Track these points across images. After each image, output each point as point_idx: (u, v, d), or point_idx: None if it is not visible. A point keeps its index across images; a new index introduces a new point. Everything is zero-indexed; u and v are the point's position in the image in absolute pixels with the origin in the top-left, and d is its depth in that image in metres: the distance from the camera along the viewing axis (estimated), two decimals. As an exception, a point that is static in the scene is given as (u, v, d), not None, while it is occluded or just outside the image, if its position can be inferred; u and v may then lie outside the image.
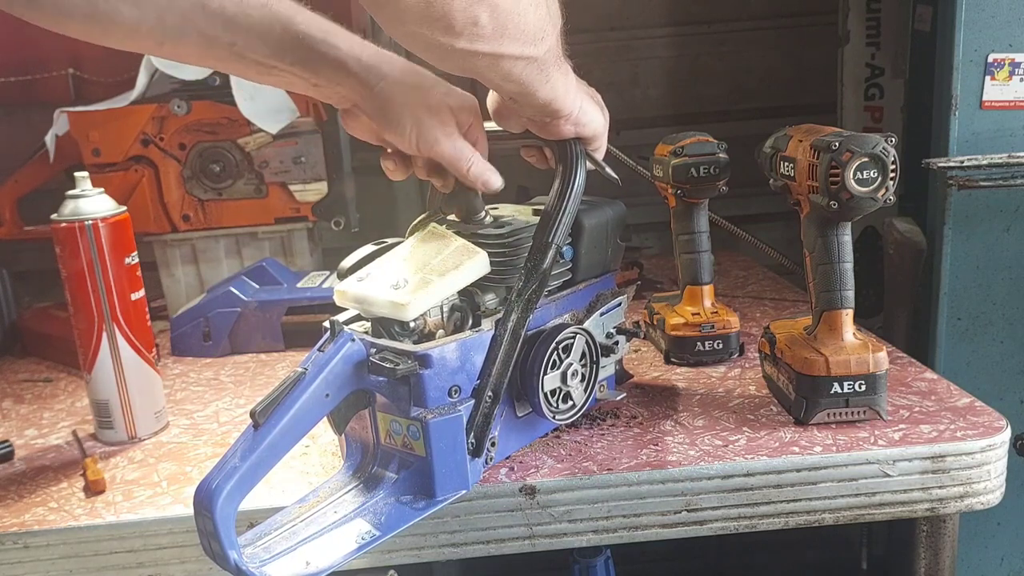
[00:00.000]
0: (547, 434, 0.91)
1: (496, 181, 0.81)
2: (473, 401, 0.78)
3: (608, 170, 0.87)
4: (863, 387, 0.87)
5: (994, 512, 0.90)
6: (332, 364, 0.72)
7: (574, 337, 0.84)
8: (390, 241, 0.88)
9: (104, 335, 0.96)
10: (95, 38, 0.70)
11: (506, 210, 0.91)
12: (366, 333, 0.78)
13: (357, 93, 0.77)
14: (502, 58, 0.68)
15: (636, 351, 1.15)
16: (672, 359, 1.09)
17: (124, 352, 0.97)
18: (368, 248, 0.87)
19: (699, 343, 1.07)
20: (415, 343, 0.77)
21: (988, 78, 1.32)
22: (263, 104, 1.35)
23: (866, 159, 0.82)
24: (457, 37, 0.64)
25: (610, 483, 0.82)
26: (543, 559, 1.00)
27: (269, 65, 0.74)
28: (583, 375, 0.86)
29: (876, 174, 0.82)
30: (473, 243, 0.81)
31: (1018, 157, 1.32)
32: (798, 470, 0.82)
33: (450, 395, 0.76)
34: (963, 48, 1.32)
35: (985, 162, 1.32)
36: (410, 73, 0.78)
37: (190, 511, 0.68)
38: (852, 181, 0.82)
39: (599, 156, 0.86)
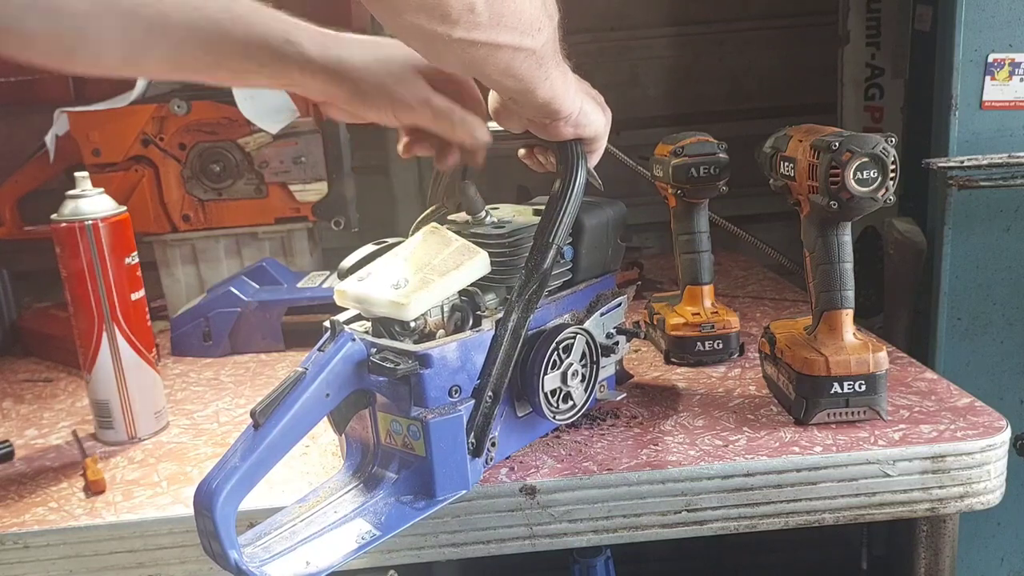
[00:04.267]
0: (547, 434, 0.91)
1: (485, 134, 0.81)
2: (473, 401, 0.78)
3: (595, 176, 0.87)
4: (863, 387, 0.87)
5: (994, 512, 0.90)
6: (332, 364, 0.72)
7: (574, 337, 0.84)
8: (390, 241, 0.88)
9: (104, 335, 0.96)
10: (59, 61, 0.69)
11: (506, 210, 0.91)
12: (366, 333, 0.78)
13: (328, 84, 0.77)
14: (500, 48, 0.68)
15: (636, 351, 1.15)
16: (672, 359, 1.09)
17: (124, 352, 0.97)
18: (368, 248, 0.87)
19: (699, 343, 1.07)
20: (415, 343, 0.77)
21: (988, 78, 1.32)
22: (263, 104, 1.35)
23: (866, 159, 0.82)
24: (454, 25, 0.64)
25: (610, 483, 0.82)
26: (543, 559, 1.00)
27: (240, 71, 0.74)
28: (583, 375, 0.86)
29: (876, 174, 0.82)
30: (473, 243, 0.81)
31: (1018, 157, 1.32)
32: (798, 470, 0.82)
33: (450, 395, 0.76)
34: (963, 48, 1.32)
35: (985, 162, 1.32)
36: (371, 46, 0.78)
37: (190, 511, 0.68)
38: (852, 181, 0.82)
39: (597, 157, 0.86)
